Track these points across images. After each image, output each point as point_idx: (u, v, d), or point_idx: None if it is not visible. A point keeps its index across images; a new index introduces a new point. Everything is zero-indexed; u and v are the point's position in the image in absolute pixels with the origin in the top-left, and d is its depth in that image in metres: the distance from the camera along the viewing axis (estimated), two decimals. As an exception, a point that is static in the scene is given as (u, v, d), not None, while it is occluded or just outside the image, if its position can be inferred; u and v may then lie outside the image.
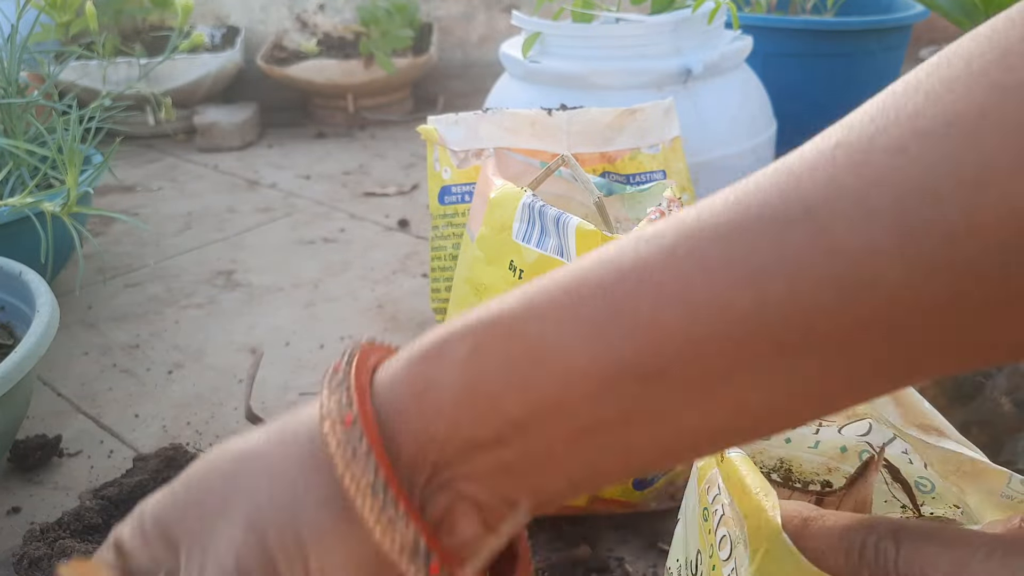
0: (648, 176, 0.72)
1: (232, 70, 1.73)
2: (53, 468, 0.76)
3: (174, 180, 1.50)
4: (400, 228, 1.27)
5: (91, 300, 1.07)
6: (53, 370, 0.91)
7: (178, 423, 0.82)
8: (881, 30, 1.15)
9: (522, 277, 0.56)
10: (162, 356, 0.94)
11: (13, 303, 0.76)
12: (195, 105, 1.71)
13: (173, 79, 1.65)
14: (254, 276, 1.12)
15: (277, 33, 1.90)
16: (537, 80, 0.88)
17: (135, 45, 1.69)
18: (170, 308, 1.04)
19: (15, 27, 0.97)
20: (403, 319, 1.00)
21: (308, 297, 1.06)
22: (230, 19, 1.92)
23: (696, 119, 0.84)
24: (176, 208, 1.37)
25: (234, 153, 1.63)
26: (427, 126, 0.71)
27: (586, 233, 0.53)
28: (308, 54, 1.77)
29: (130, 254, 1.20)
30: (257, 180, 1.49)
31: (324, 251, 1.19)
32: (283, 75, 1.73)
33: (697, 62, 0.84)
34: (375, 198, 1.39)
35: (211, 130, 1.65)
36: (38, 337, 0.64)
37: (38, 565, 0.54)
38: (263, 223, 1.30)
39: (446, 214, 0.72)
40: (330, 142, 1.71)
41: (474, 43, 1.97)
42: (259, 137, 1.73)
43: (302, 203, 1.37)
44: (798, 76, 1.12)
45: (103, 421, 0.82)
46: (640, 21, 0.87)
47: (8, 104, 0.94)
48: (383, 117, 1.80)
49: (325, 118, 1.80)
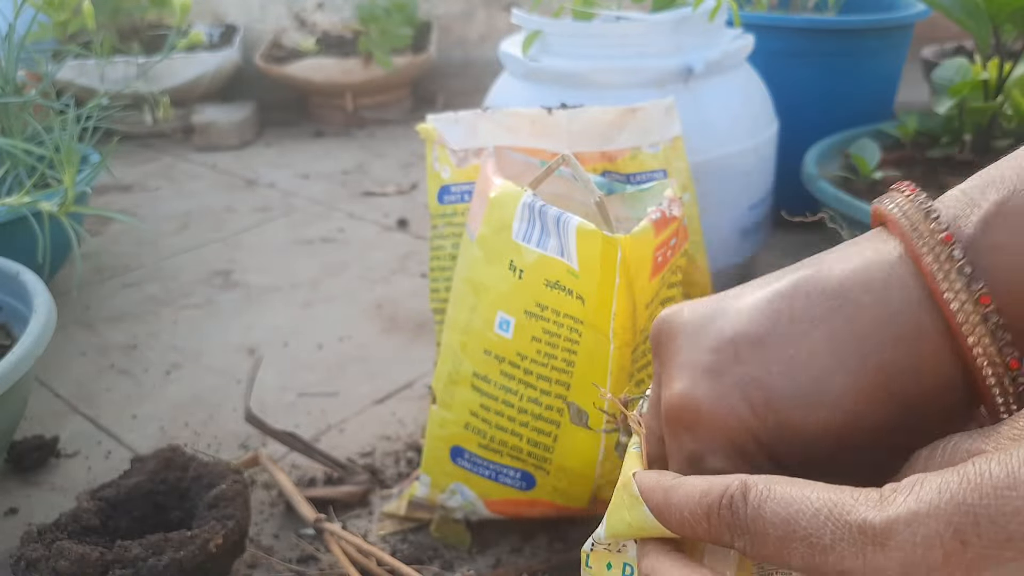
0: (649, 175, 0.71)
1: (230, 69, 1.73)
2: (50, 469, 0.75)
3: (172, 179, 1.49)
4: (399, 228, 1.26)
5: (89, 300, 1.06)
6: (50, 371, 0.90)
7: (176, 424, 0.81)
8: (883, 29, 1.14)
9: (522, 277, 0.56)
10: (160, 356, 0.93)
11: (10, 303, 0.75)
12: (193, 104, 1.70)
13: (171, 78, 1.64)
14: (252, 276, 1.12)
15: (275, 31, 1.90)
16: (537, 79, 0.87)
17: (133, 44, 1.69)
18: (168, 308, 1.04)
19: (12, 26, 0.96)
20: (402, 319, 1.00)
21: (306, 297, 1.06)
22: (228, 17, 1.92)
23: (697, 118, 0.84)
24: (174, 208, 1.36)
25: (232, 152, 1.63)
26: (426, 125, 0.70)
27: (587, 233, 0.53)
28: (306, 53, 1.76)
29: (128, 254, 1.20)
30: (255, 179, 1.48)
31: (322, 251, 1.19)
32: (281, 74, 1.72)
33: (698, 60, 0.84)
34: (374, 197, 1.39)
35: (209, 129, 1.64)
36: (35, 337, 0.63)
37: (35, 567, 0.54)
38: (261, 223, 1.29)
39: (445, 213, 0.72)
40: (329, 141, 1.70)
41: (474, 41, 1.97)
42: (257, 136, 1.72)
43: (300, 203, 1.37)
44: (799, 74, 1.12)
45: (101, 422, 0.82)
46: (641, 19, 0.86)
47: (5, 103, 0.94)
48: (382, 116, 1.79)
49: (324, 117, 1.79)
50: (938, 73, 1.03)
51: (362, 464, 0.74)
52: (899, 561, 0.23)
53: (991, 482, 0.22)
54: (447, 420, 0.62)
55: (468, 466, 0.62)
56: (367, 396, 0.85)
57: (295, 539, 0.66)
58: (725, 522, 0.27)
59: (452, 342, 0.61)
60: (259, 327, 0.99)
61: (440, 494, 0.64)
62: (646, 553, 0.31)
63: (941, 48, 1.46)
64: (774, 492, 0.26)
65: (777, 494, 0.26)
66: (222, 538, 0.57)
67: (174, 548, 0.55)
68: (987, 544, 0.22)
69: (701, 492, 0.28)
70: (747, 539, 0.26)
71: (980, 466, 0.22)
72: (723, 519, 0.27)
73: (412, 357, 0.91)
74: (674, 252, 0.59)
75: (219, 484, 0.61)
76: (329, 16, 1.93)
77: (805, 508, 0.25)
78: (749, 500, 0.26)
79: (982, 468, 0.22)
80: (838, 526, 0.24)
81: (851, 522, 0.24)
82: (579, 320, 0.54)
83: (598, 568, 0.36)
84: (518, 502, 0.62)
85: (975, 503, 0.22)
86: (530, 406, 0.58)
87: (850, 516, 0.24)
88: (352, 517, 0.68)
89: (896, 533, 0.23)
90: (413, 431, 0.79)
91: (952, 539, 0.22)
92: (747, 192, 0.89)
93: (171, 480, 0.63)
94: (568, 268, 0.54)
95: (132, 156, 1.59)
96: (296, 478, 0.72)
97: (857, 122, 1.10)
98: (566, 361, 0.56)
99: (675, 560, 0.29)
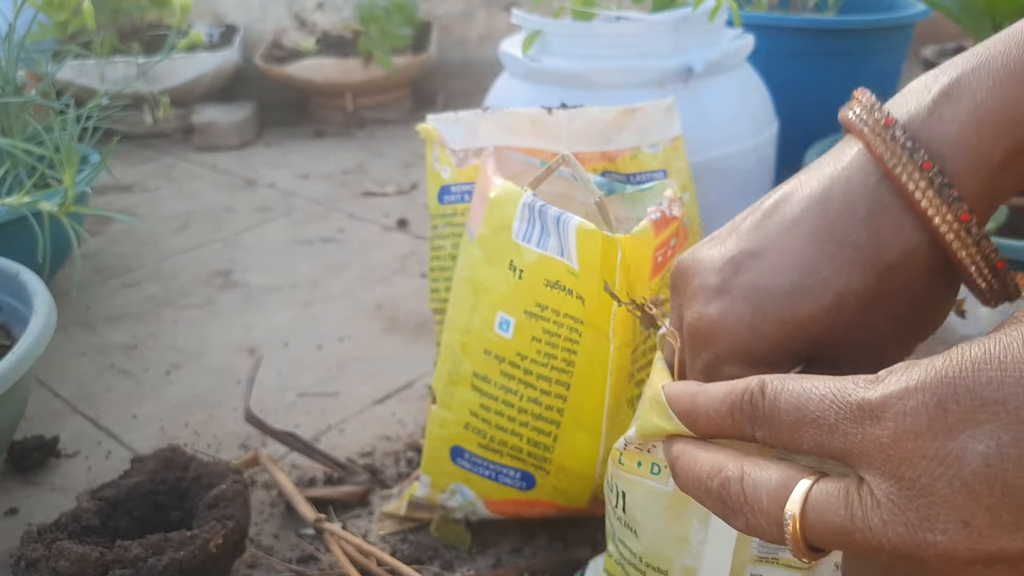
0: (649, 175, 0.71)
1: (230, 69, 1.73)
2: (51, 469, 0.75)
3: (172, 179, 1.49)
4: (399, 228, 1.26)
5: (89, 300, 1.06)
6: (51, 371, 0.90)
7: (176, 424, 0.81)
8: (883, 29, 1.14)
9: (522, 277, 0.56)
10: (160, 356, 0.93)
11: (10, 303, 0.75)
12: (193, 104, 1.70)
13: (171, 78, 1.64)
14: (252, 276, 1.12)
15: (275, 31, 1.90)
16: (537, 79, 0.87)
17: (133, 44, 1.69)
18: (168, 308, 1.04)
19: (12, 26, 0.96)
20: (402, 319, 1.00)
21: (306, 297, 1.06)
22: (228, 17, 1.92)
23: (697, 118, 0.84)
24: (174, 208, 1.36)
25: (232, 152, 1.63)
26: (426, 125, 0.70)
27: (587, 233, 0.53)
28: (306, 53, 1.76)
29: (128, 254, 1.20)
30: (255, 179, 1.48)
31: (322, 251, 1.19)
32: (281, 74, 1.72)
33: (698, 60, 0.84)
34: (374, 198, 1.39)
35: (209, 129, 1.64)
36: (35, 337, 0.63)
37: (35, 567, 0.54)
38: (261, 223, 1.29)
39: (445, 214, 0.72)
40: (329, 141, 1.70)
41: (474, 41, 1.97)
42: (257, 136, 1.72)
43: (300, 203, 1.37)
44: (799, 74, 1.12)
45: (101, 422, 0.82)
46: (641, 19, 0.86)
47: (5, 103, 0.94)
48: (382, 116, 1.79)
49: (324, 117, 1.79)
50: (938, 73, 1.03)
51: (362, 464, 0.74)
52: (892, 430, 0.26)
53: (970, 359, 0.25)
54: (447, 420, 0.62)
55: (468, 466, 0.62)
56: (367, 396, 0.85)
57: (295, 539, 0.66)
58: (747, 415, 0.30)
59: (452, 342, 0.61)
60: (259, 327, 0.99)
61: (440, 494, 0.64)
62: (673, 442, 0.34)
63: (941, 48, 1.46)
64: (787, 385, 0.29)
65: (789, 387, 0.29)
66: (222, 538, 0.57)
67: (174, 548, 0.55)
68: (965, 409, 0.24)
69: (725, 392, 0.31)
70: (766, 428, 0.29)
71: (963, 348, 0.26)
72: (744, 413, 0.30)
73: (412, 357, 0.91)
74: (674, 252, 0.59)
75: (219, 484, 0.61)
76: (329, 16, 1.93)
77: (813, 395, 0.28)
78: (767, 394, 0.29)
79: (964, 349, 0.26)
80: (841, 407, 0.27)
81: (851, 402, 0.27)
82: (579, 320, 0.54)
83: (629, 465, 0.42)
84: (518, 502, 0.62)
85: (955, 376, 0.25)
86: (530, 406, 0.58)
87: (851, 397, 0.27)
88: (352, 517, 0.68)
89: (889, 407, 0.26)
90: (413, 431, 0.79)
91: (936, 407, 0.25)
92: (747, 192, 0.89)
93: (171, 480, 0.63)
94: (568, 268, 0.54)
95: (132, 156, 1.59)
96: (296, 478, 0.72)
97: (857, 122, 1.10)
98: (566, 361, 0.56)
99: (700, 443, 0.33)
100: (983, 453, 0.24)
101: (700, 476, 0.31)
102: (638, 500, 0.42)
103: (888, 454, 0.25)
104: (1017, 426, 0.24)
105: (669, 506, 0.41)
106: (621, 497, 0.43)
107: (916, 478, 0.25)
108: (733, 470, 0.30)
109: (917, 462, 0.25)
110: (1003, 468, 0.24)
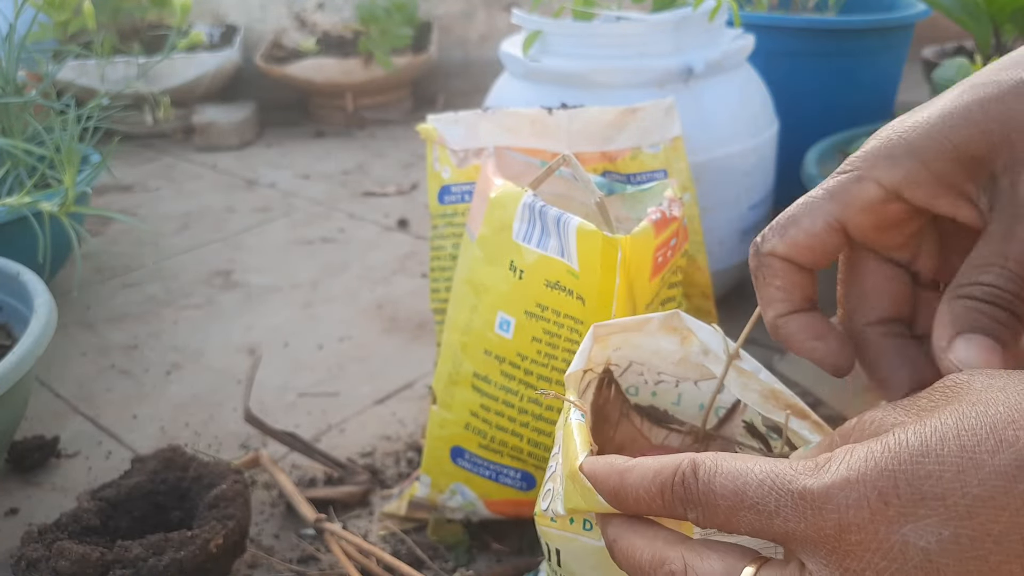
0: (649, 175, 0.71)
1: (230, 69, 1.73)
2: (51, 469, 0.75)
3: (172, 180, 1.49)
4: (399, 228, 1.26)
5: (89, 300, 1.06)
6: (51, 371, 0.90)
7: (176, 424, 0.81)
8: (883, 29, 1.14)
9: (522, 277, 0.56)
10: (160, 357, 0.93)
11: (11, 303, 0.75)
12: (193, 104, 1.70)
13: (171, 78, 1.64)
14: (252, 276, 1.12)
15: (276, 32, 1.90)
16: (537, 79, 0.87)
17: (133, 44, 1.69)
18: (168, 308, 1.04)
19: (13, 26, 0.96)
20: (402, 319, 1.00)
21: (307, 297, 1.06)
22: (228, 18, 1.92)
23: (697, 118, 0.84)
24: (174, 208, 1.36)
25: (232, 152, 1.63)
26: (426, 125, 0.70)
27: (587, 233, 0.53)
28: (307, 53, 1.76)
29: (128, 254, 1.20)
30: (255, 180, 1.48)
31: (323, 251, 1.19)
32: (282, 74, 1.72)
33: (698, 61, 0.84)
34: (374, 198, 1.39)
35: (209, 129, 1.64)
36: (36, 337, 0.63)
37: (36, 567, 0.54)
38: (261, 223, 1.29)
39: (446, 214, 0.72)
40: (329, 141, 1.70)
41: (474, 41, 1.97)
42: (257, 136, 1.72)
43: (301, 203, 1.37)
44: (800, 75, 1.12)
45: (101, 422, 0.82)
46: (641, 19, 0.86)
47: (6, 103, 0.94)
48: (382, 116, 1.79)
49: (324, 117, 1.79)
50: (938, 73, 1.03)
51: (362, 464, 0.74)
52: (835, 522, 0.26)
53: (908, 450, 0.25)
54: (447, 420, 0.62)
55: (468, 466, 0.62)
56: (367, 396, 0.85)
57: (295, 539, 0.66)
58: (679, 497, 0.29)
59: (452, 342, 0.61)
60: (259, 327, 0.99)
61: (440, 494, 0.64)
62: (607, 523, 0.33)
63: (941, 48, 1.45)
64: (721, 467, 0.28)
65: (724, 469, 0.28)
66: (222, 538, 0.57)
67: (174, 548, 0.55)
68: (905, 503, 0.25)
69: (655, 472, 0.30)
70: (699, 511, 0.29)
71: (899, 436, 0.26)
72: (676, 494, 0.29)
73: (412, 357, 0.91)
74: (674, 252, 0.59)
75: (219, 484, 0.61)
76: (329, 16, 1.93)
77: (751, 479, 0.28)
78: (700, 476, 0.29)
79: (900, 438, 0.26)
80: (781, 494, 0.27)
81: (792, 490, 0.27)
82: (579, 320, 0.54)
83: (561, 523, 0.40)
84: (518, 502, 0.62)
85: (895, 469, 0.25)
86: (530, 406, 0.58)
87: (791, 485, 0.27)
88: (352, 517, 0.68)
89: (832, 498, 0.26)
90: (413, 431, 0.79)
91: (877, 500, 0.25)
92: (747, 192, 0.89)
93: (171, 480, 0.63)
94: (568, 268, 0.54)
95: (132, 156, 1.59)
96: (296, 478, 0.72)
97: (857, 122, 1.10)
98: (566, 361, 0.56)
99: (636, 525, 0.32)
100: (924, 548, 0.24)
101: (641, 565, 0.31)
102: (574, 554, 0.41)
103: (833, 546, 0.26)
104: (956, 522, 0.24)
105: (606, 561, 0.38)
106: (555, 553, 0.41)
107: (861, 570, 0.25)
108: (676, 562, 0.30)
109: (861, 555, 0.25)
110: (944, 563, 0.24)
